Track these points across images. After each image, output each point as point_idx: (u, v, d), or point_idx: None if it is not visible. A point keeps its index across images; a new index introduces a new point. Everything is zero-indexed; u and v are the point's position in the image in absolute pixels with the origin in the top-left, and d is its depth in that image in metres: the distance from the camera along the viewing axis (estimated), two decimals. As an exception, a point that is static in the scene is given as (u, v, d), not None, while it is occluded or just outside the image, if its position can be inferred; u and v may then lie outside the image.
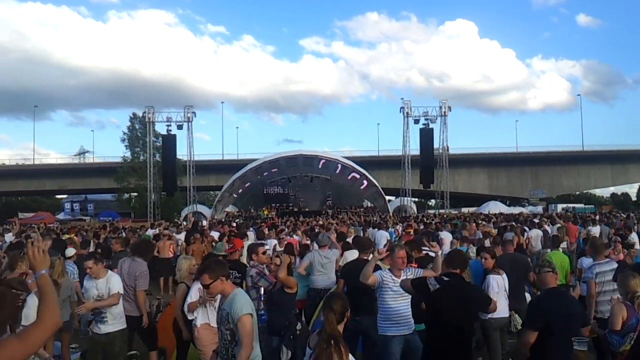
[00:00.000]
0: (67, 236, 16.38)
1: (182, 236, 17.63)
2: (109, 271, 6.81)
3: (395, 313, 6.00)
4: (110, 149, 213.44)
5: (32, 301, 4.00)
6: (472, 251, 10.59)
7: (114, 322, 6.58)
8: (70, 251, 10.13)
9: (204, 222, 34.14)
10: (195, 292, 6.25)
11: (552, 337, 4.52)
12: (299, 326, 6.66)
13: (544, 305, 4.78)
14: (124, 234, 18.84)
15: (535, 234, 15.53)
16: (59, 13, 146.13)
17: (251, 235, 16.38)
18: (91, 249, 14.67)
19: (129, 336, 7.31)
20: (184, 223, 28.62)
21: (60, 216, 62.22)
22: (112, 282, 6.61)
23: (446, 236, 14.40)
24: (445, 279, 5.13)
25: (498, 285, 6.79)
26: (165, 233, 17.73)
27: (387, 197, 53.44)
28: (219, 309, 4.72)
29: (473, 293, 5.49)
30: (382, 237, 16.14)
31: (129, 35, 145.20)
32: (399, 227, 21.02)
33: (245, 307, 4.42)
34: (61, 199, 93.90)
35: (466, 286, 5.47)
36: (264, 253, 7.64)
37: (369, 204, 53.04)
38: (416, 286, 5.32)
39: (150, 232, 20.58)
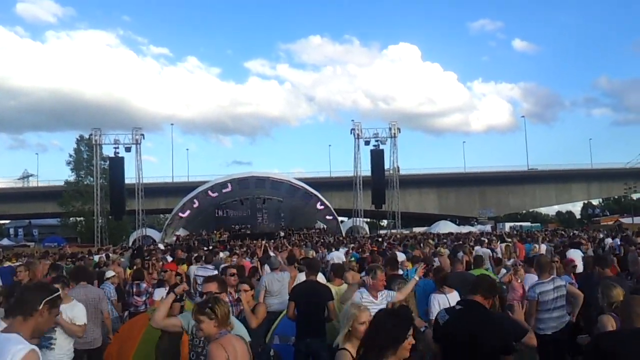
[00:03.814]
0: (8, 263, 15.76)
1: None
2: (73, 298, 6.27)
3: None
4: (54, 172, 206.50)
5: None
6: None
7: (60, 354, 6.16)
8: (110, 273, 10.68)
9: (161, 246, 33.12)
10: None
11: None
12: (272, 352, 6.58)
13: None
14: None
15: (483, 253, 15.82)
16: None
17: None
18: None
19: None
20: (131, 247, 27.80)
21: (4, 242, 59.73)
22: (78, 311, 6.11)
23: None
24: (458, 307, 4.44)
25: (439, 304, 6.68)
26: (114, 258, 17.13)
27: (340, 218, 53.62)
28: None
29: (497, 322, 4.52)
30: (338, 259, 16.05)
31: (69, 56, 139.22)
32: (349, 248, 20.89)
33: (247, 335, 4.43)
34: (4, 224, 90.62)
35: (487, 316, 4.54)
36: (232, 275, 7.38)
37: (322, 225, 53.03)
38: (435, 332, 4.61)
39: (96, 258, 19.89)
